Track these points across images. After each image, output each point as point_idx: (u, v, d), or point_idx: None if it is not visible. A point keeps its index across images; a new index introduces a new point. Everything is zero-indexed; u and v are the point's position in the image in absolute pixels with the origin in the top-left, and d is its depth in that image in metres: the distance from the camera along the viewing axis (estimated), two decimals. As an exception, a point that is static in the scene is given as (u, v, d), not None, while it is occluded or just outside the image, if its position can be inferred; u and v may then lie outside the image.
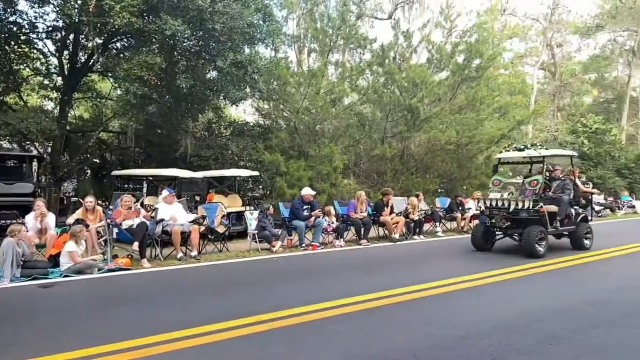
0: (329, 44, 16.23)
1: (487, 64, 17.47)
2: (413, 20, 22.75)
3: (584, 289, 6.23)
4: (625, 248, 9.72)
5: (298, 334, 4.32)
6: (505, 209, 8.75)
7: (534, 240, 8.18)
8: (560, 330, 4.38)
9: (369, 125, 16.92)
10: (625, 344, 4.10)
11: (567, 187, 9.22)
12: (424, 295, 5.71)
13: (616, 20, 35.74)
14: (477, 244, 9.23)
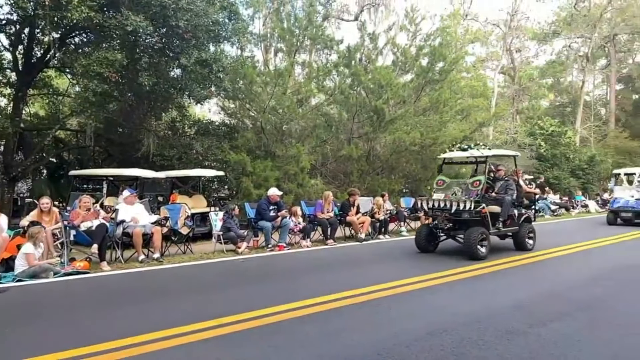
0: (295, 44, 16.19)
1: (450, 67, 17.92)
2: (379, 22, 23.05)
3: (536, 286, 6.45)
4: (570, 247, 10.02)
5: (267, 336, 4.28)
6: (447, 210, 8.57)
7: (475, 241, 8.03)
8: (518, 325, 4.54)
9: (335, 126, 17.02)
10: (580, 335, 4.29)
11: (511, 187, 9.11)
12: (389, 294, 5.79)
13: (571, 27, 37.45)
14: (420, 245, 9.04)
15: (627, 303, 5.47)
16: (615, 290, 6.14)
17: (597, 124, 40.17)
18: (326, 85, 17.15)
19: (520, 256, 8.70)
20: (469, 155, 9.15)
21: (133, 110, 13.66)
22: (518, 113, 35.83)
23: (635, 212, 14.66)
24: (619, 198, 15.41)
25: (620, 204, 15.17)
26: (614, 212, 15.31)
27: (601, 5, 36.56)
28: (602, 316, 4.92)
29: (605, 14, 36.47)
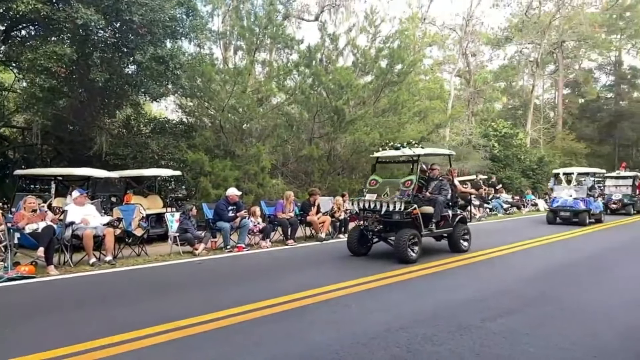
0: (255, 42, 16.02)
1: (409, 70, 18.28)
2: (339, 23, 23.22)
3: (486, 283, 6.69)
4: (515, 246, 10.31)
5: (226, 338, 4.21)
6: (377, 211, 8.17)
7: (405, 244, 7.67)
8: (470, 321, 4.68)
9: (296, 126, 16.99)
10: (528, 329, 4.47)
11: (445, 187, 8.83)
12: (348, 293, 5.83)
13: (522, 33, 39.12)
14: (352, 248, 8.61)
15: (571, 298, 5.75)
16: (559, 286, 6.44)
17: (546, 126, 42.20)
18: (287, 84, 17.08)
19: (467, 255, 8.89)
20: (400, 154, 8.71)
21: (84, 107, 13.07)
22: (473, 115, 37.05)
23: (573, 211, 14.94)
24: (558, 197, 15.66)
25: (559, 203, 15.42)
26: (553, 211, 15.57)
27: (550, 13, 38.40)
28: (549, 311, 5.15)
29: (554, 22, 38.35)
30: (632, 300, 5.62)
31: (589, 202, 15.15)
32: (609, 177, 21.85)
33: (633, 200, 20.11)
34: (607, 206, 18.77)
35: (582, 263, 8.35)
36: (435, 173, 9.20)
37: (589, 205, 15.09)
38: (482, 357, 3.77)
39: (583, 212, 14.76)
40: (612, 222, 15.95)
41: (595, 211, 15.51)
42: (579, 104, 49.78)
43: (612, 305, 5.36)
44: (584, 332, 4.40)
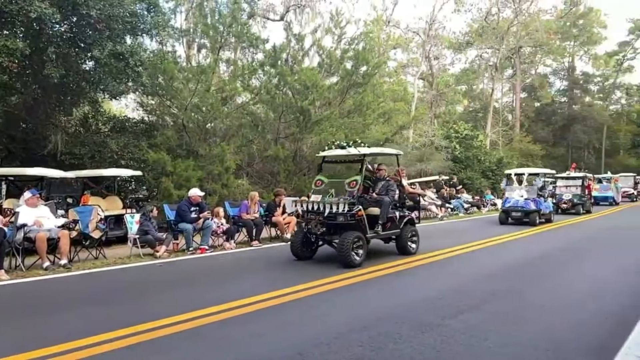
0: (219, 40, 15.77)
1: (373, 72, 18.49)
2: (305, 24, 23.24)
3: (446, 282, 6.86)
4: (470, 245, 10.56)
5: (186, 342, 4.12)
6: (320, 213, 7.79)
7: (348, 248, 7.31)
8: (431, 319, 4.78)
9: (262, 126, 16.85)
10: (487, 325, 4.61)
11: (391, 188, 8.58)
12: (312, 294, 5.83)
13: (482, 38, 40.40)
14: (295, 252, 8.21)
15: (527, 294, 5.97)
16: (516, 283, 6.66)
17: (504, 128, 43.75)
18: (252, 84, 16.91)
19: (427, 254, 9.00)
20: (346, 153, 8.28)
21: (38, 104, 12.50)
22: (436, 117, 37.91)
23: (524, 212, 14.99)
24: (510, 198, 15.66)
25: (511, 203, 15.40)
26: (505, 211, 15.54)
27: (508, 19, 39.83)
28: (506, 307, 5.32)
29: (512, 28, 39.80)
30: (584, 296, 5.89)
31: (539, 203, 15.28)
32: (560, 178, 22.52)
33: (582, 200, 20.66)
34: (558, 206, 19.21)
35: (536, 261, 8.68)
36: (382, 173, 8.92)
37: (539, 206, 15.23)
38: (443, 354, 3.85)
39: (533, 212, 14.87)
40: (561, 222, 16.32)
41: (545, 211, 15.68)
42: (535, 107, 51.93)
43: (566, 301, 5.59)
44: (540, 327, 4.57)
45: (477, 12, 41.13)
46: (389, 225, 8.43)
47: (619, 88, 56.95)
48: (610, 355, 3.82)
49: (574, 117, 50.40)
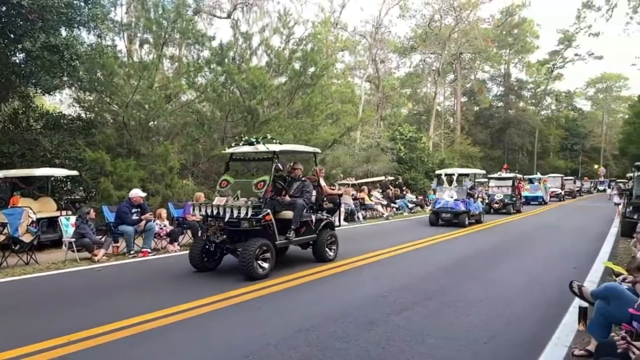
0: (163, 36, 15.23)
1: (321, 73, 18.59)
2: (253, 22, 22.97)
3: (390, 280, 7.04)
4: (406, 246, 11.18)
5: (127, 348, 3.94)
6: (221, 218, 6.80)
7: (251, 257, 6.38)
8: (376, 316, 4.88)
9: (208, 125, 16.46)
10: (428, 320, 4.77)
11: (307, 189, 7.85)
12: (258, 295, 5.77)
13: (426, 44, 41.90)
14: (195, 263, 7.16)
15: (465, 291, 6.24)
16: (455, 280, 6.95)
17: (446, 131, 45.59)
18: (197, 82, 16.46)
19: (371, 254, 9.20)
20: (254, 150, 7.43)
21: (-40, 98, 11.52)
22: (382, 119, 38.81)
23: (453, 213, 14.69)
24: (440, 199, 15.39)
25: (441, 204, 15.08)
26: (435, 212, 15.16)
27: (450, 26, 41.55)
28: (446, 303, 5.54)
29: (453, 35, 41.58)
30: (517, 291, 6.24)
31: (468, 204, 15.06)
32: (492, 178, 23.16)
33: (512, 200, 21.02)
34: (490, 206, 19.80)
35: (472, 259, 9.10)
36: (297, 173, 8.16)
37: (469, 207, 14.99)
38: (387, 350, 3.94)
39: (463, 213, 14.64)
40: (494, 221, 16.60)
41: (475, 212, 15.52)
42: (475, 111, 54.55)
43: (501, 296, 5.90)
44: (477, 321, 4.80)
45: (421, 18, 42.63)
46: (303, 230, 7.63)
47: (549, 94, 61.19)
48: (541, 346, 4.09)
49: (510, 121, 53.48)
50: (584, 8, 42.31)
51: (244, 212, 6.63)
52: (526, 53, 54.11)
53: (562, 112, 65.15)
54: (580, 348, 3.94)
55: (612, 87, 65.22)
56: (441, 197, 15.46)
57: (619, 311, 3.55)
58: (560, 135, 61.68)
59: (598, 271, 7.24)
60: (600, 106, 67.18)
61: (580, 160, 63.27)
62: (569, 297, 4.98)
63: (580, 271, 7.33)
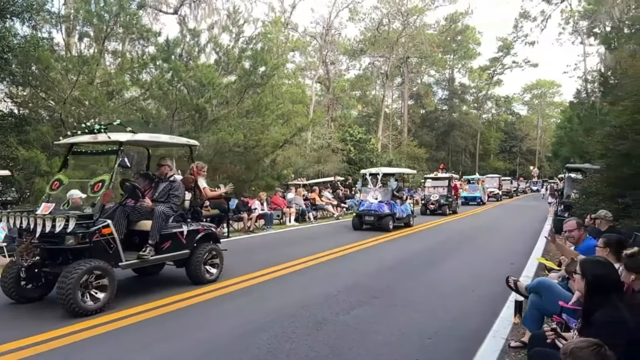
0: (105, 30, 14.56)
1: (272, 72, 18.53)
2: (201, 19, 22.49)
3: (339, 279, 7.14)
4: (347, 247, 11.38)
5: (67, 354, 3.69)
6: (33, 233, 4.92)
7: (72, 288, 4.65)
8: (326, 316, 4.92)
9: (153, 123, 15.90)
10: (376, 318, 4.87)
11: (176, 192, 6.19)
12: (206, 299, 5.65)
13: (375, 47, 42.77)
14: (8, 291, 5.21)
15: (411, 288, 6.43)
16: (401, 278, 7.11)
17: (394, 133, 46.79)
18: (142, 78, 15.89)
19: (322, 253, 9.31)
20: (93, 139, 5.77)
21: None
22: (332, 120, 39.23)
23: (377, 215, 13.31)
24: (364, 201, 13.97)
25: (365, 207, 13.70)
26: (359, 215, 13.76)
27: (397, 30, 42.69)
28: (394, 300, 5.68)
29: (401, 39, 42.74)
30: (459, 288, 6.49)
31: (393, 205, 13.72)
32: (428, 178, 23.03)
33: (448, 200, 20.54)
34: (426, 207, 19.95)
35: (418, 257, 9.39)
36: (162, 171, 6.40)
37: (393, 209, 13.66)
38: (336, 349, 3.98)
39: (386, 216, 13.28)
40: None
41: (402, 215, 14.17)
42: (421, 114, 56.38)
43: (443, 293, 6.12)
44: (423, 317, 4.96)
45: (370, 21, 43.49)
46: (167, 246, 5.92)
47: (490, 99, 64.43)
48: (481, 339, 4.29)
49: (453, 124, 55.75)
50: (521, 18, 45.03)
51: (60, 225, 4.77)
52: (469, 59, 56.64)
53: (502, 116, 68.81)
54: (516, 340, 4.18)
55: (546, 93, 69.64)
56: (365, 198, 14.08)
57: (551, 304, 3.79)
58: (500, 138, 65.11)
59: (533, 267, 7.69)
60: (536, 111, 71.55)
61: (517, 161, 67.11)
62: (507, 292, 5.26)
63: (516, 267, 7.76)
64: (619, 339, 2.38)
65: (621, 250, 3.61)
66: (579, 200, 11.84)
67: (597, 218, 6.17)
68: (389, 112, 50.16)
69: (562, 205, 13.56)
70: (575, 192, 13.26)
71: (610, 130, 9.26)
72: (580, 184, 12.94)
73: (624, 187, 7.73)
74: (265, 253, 9.27)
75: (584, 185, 11.93)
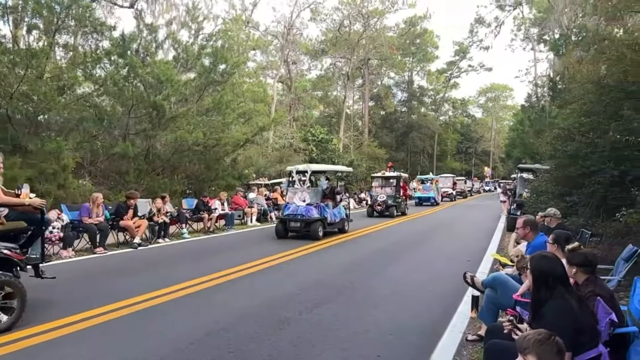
0: (55, 22, 13.88)
1: (232, 70, 18.30)
2: (159, 14, 21.86)
3: (303, 278, 7.15)
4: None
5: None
6: None
7: None
8: (289, 314, 4.91)
9: (108, 120, 15.32)
10: (338, 315, 4.90)
11: None
12: (165, 300, 5.50)
13: (336, 48, 43.05)
14: None
15: (373, 286, 6.53)
16: (363, 277, 7.20)
17: (355, 133, 47.28)
18: (96, 73, 15.26)
19: (285, 253, 9.33)
20: None
21: None
22: (294, 120, 39.19)
23: (304, 221, 11.31)
24: (290, 203, 12.03)
25: (290, 210, 11.70)
26: (283, 221, 11.73)
27: (358, 32, 43.17)
28: (356, 298, 5.74)
29: (361, 41, 43.24)
30: (419, 285, 6.65)
31: (323, 209, 11.73)
32: (375, 177, 21.65)
33: (397, 201, 19.16)
34: (372, 208, 18.67)
35: (379, 254, 9.57)
36: None
37: (323, 213, 11.67)
38: (299, 347, 3.98)
39: (316, 221, 11.25)
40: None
41: (334, 219, 12.15)
42: (381, 115, 57.24)
43: (404, 290, 6.25)
44: (384, 314, 5.04)
45: (331, 22, 43.76)
46: None
47: (447, 101, 66.35)
48: (440, 334, 4.41)
49: (412, 125, 56.99)
50: (477, 23, 46.68)
51: None
52: (427, 62, 58.06)
53: (458, 118, 71.05)
54: (473, 333, 4.33)
55: (500, 97, 72.63)
56: (291, 201, 12.12)
57: (505, 298, 3.95)
58: (456, 139, 67.20)
59: (488, 262, 7.99)
60: (490, 113, 74.42)
61: (473, 162, 69.51)
62: (464, 288, 5.43)
63: (473, 264, 8.03)
64: (567, 329, 2.50)
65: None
66: (530, 199, 12.39)
67: (547, 216, 6.48)
68: (350, 112, 50.63)
69: (514, 204, 14.15)
70: (527, 191, 13.87)
71: (559, 132, 9.74)
72: (532, 183, 13.57)
73: (571, 186, 8.15)
74: (226, 254, 9.16)
75: (534, 185, 12.51)
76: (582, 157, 7.63)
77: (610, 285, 4.50)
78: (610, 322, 2.80)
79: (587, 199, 7.46)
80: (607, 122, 7.33)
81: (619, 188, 7.10)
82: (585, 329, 2.63)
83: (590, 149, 7.43)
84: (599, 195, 7.20)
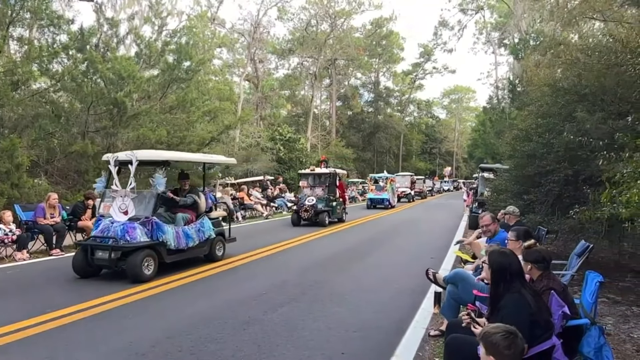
0: (9, 14, 13.21)
1: (197, 68, 17.94)
2: (120, 9, 21.17)
3: (270, 278, 7.11)
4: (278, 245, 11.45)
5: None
6: None
7: None
8: (253, 315, 4.86)
9: (65, 117, 14.69)
10: (303, 315, 4.89)
11: None
12: (125, 303, 5.34)
13: (303, 47, 43.03)
14: None
15: (337, 284, 6.55)
16: (327, 275, 7.21)
17: (323, 133, 47.44)
18: (52, 68, 14.63)
19: (249, 253, 9.29)
20: None
21: None
22: (261, 119, 38.87)
23: (118, 249, 6.41)
24: (104, 217, 7.06)
25: (99, 230, 6.87)
26: (85, 249, 6.68)
27: (325, 32, 43.31)
28: (320, 297, 5.74)
29: (329, 41, 43.40)
30: (383, 282, 6.73)
31: (157, 229, 6.77)
32: (303, 175, 17.11)
33: (330, 206, 15.01)
34: (298, 215, 14.43)
35: (342, 254, 9.63)
36: None
37: (158, 235, 6.76)
38: (262, 347, 3.94)
39: (141, 249, 6.45)
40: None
41: (186, 244, 7.21)
42: (348, 115, 57.64)
43: (369, 288, 6.31)
44: (349, 312, 5.07)
45: (298, 22, 43.71)
46: None
47: (412, 102, 67.52)
48: (403, 329, 4.48)
49: (378, 125, 57.66)
50: (440, 26, 47.72)
51: None
52: (393, 63, 58.85)
53: (423, 119, 72.41)
54: (435, 329, 4.42)
55: (463, 98, 74.53)
56: (107, 212, 7.19)
57: (466, 293, 4.05)
58: (421, 140, 68.48)
59: (451, 259, 8.18)
60: (453, 115, 76.27)
61: (437, 162, 71.02)
62: (427, 285, 5.53)
63: (436, 261, 8.20)
64: (523, 322, 2.59)
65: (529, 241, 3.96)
66: (491, 197, 12.76)
67: (507, 213, 6.69)
68: (317, 112, 50.73)
69: (476, 202, 14.55)
70: (488, 190, 14.28)
71: (517, 133, 10.08)
72: (492, 182, 13.98)
73: (529, 185, 8.43)
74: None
75: (495, 184, 12.89)
76: (539, 157, 7.90)
77: (564, 279, 4.69)
78: (563, 314, 2.91)
79: (544, 197, 7.73)
80: (562, 123, 7.62)
81: (572, 187, 7.41)
82: (540, 322, 2.72)
83: (546, 149, 7.71)
84: (555, 193, 7.48)
